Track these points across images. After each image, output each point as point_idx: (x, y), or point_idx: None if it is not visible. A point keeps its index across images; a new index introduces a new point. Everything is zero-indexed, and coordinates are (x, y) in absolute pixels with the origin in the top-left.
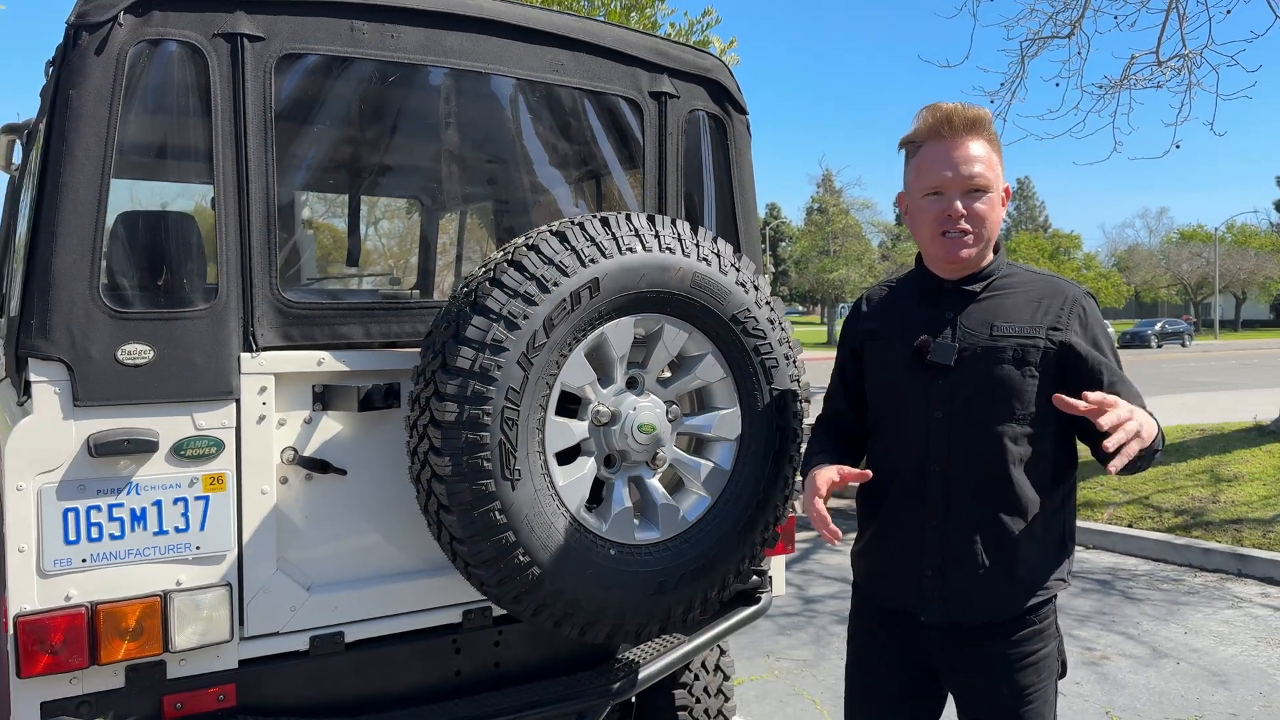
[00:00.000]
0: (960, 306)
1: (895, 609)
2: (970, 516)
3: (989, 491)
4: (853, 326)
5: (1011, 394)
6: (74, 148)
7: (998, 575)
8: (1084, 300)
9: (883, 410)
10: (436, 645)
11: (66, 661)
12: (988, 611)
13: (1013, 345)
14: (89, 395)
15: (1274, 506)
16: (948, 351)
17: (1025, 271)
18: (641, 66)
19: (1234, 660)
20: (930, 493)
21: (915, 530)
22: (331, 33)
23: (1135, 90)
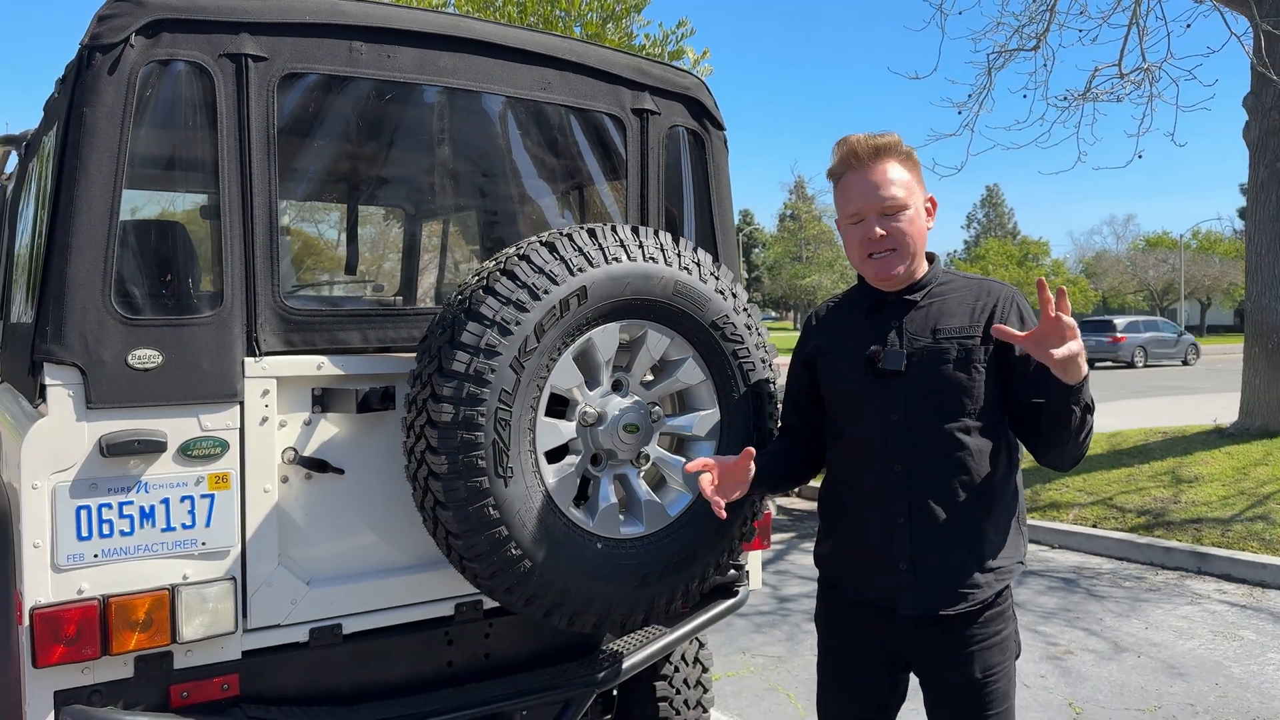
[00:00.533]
0: (903, 315)
1: (867, 602)
2: (936, 511)
3: (950, 485)
4: (805, 342)
5: (960, 391)
6: (87, 162)
7: (968, 564)
8: (1018, 298)
9: (841, 419)
10: (430, 637)
11: (79, 652)
12: (961, 599)
13: (955, 345)
14: (101, 398)
15: (1232, 506)
16: (898, 358)
17: (960, 277)
18: (625, 85)
19: (1192, 653)
20: (895, 492)
21: (884, 529)
22: (331, 53)
23: (1098, 103)
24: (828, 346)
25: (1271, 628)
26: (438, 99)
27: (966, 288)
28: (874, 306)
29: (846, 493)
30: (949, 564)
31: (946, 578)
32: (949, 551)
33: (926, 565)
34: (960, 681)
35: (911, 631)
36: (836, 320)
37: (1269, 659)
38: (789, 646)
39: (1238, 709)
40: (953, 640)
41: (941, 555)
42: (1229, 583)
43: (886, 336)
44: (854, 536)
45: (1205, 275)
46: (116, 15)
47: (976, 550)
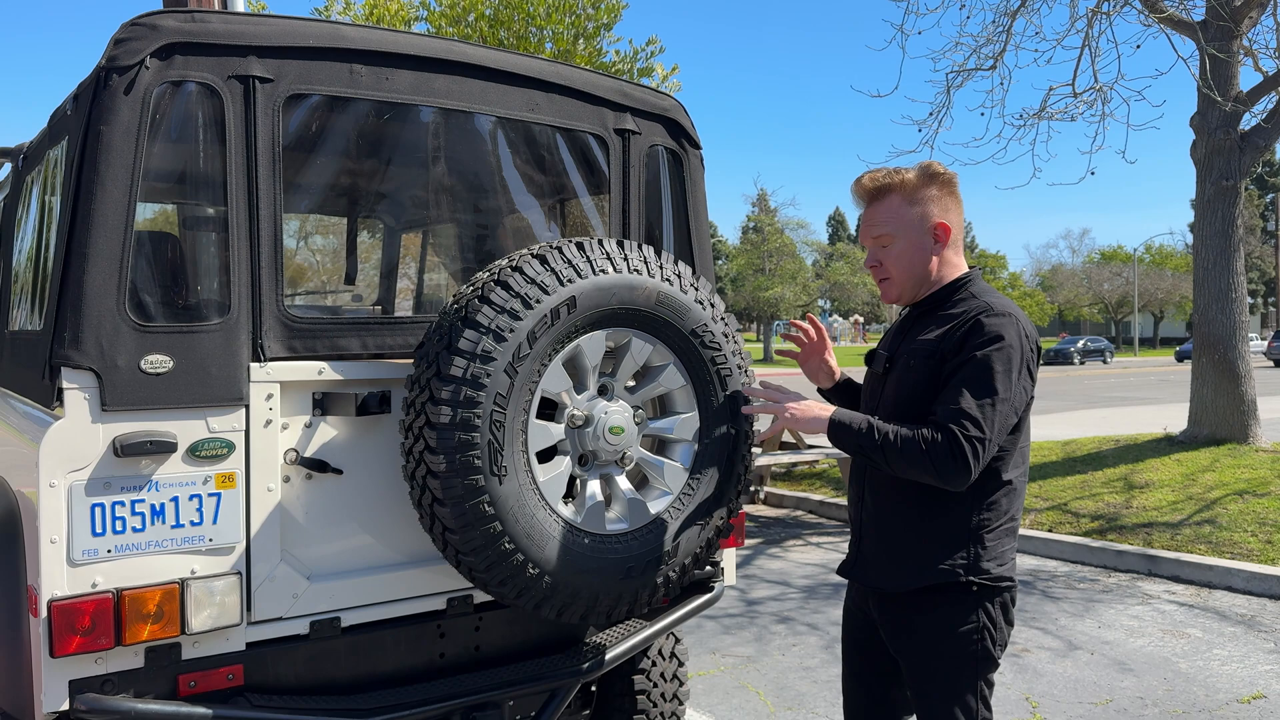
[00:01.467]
0: (907, 327)
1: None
2: (879, 500)
3: (892, 481)
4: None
5: (918, 397)
6: (104, 177)
7: (894, 553)
8: (980, 318)
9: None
10: (423, 630)
11: (95, 642)
12: (883, 581)
13: (919, 356)
14: (115, 401)
15: (1181, 511)
16: (879, 360)
17: (967, 300)
18: (608, 106)
19: (1142, 651)
20: (859, 479)
21: (854, 506)
22: (333, 75)
23: (1053, 121)
24: (878, 347)
25: (1217, 625)
26: (433, 119)
27: (954, 305)
28: (905, 315)
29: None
30: (885, 546)
31: (877, 560)
32: (887, 535)
33: (869, 541)
34: (909, 657)
35: (876, 603)
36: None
37: (1214, 655)
38: (758, 647)
39: (1184, 701)
40: (904, 618)
41: (877, 539)
42: (1178, 584)
43: (891, 341)
44: (849, 516)
45: (1158, 288)
46: (132, 39)
47: (907, 544)
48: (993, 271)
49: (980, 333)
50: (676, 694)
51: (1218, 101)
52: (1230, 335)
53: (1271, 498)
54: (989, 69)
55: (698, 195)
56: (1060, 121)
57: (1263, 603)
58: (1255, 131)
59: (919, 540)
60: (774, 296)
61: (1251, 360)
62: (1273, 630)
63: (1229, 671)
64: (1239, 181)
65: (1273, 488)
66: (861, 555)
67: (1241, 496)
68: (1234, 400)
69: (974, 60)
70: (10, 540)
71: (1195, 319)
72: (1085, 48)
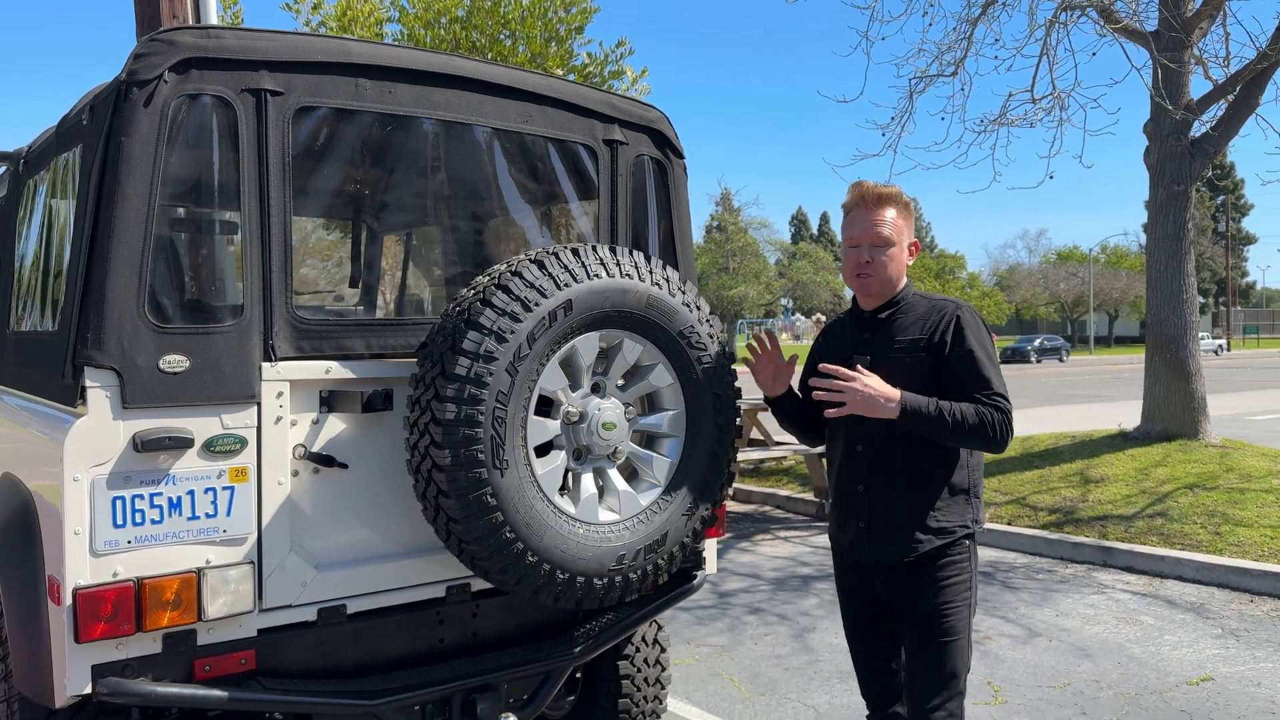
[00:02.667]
0: (876, 329)
1: (847, 553)
2: (883, 482)
3: (896, 462)
4: (816, 346)
5: (913, 387)
6: (125, 186)
7: (910, 524)
8: (961, 313)
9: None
10: (423, 617)
11: (117, 628)
12: (901, 553)
13: (906, 353)
14: (135, 398)
15: (1135, 505)
16: (861, 362)
17: (920, 298)
18: (597, 118)
19: (1098, 637)
20: (857, 467)
21: (851, 494)
22: (340, 88)
23: (1013, 127)
24: (824, 351)
25: (1168, 613)
26: (433, 130)
27: (921, 306)
28: (857, 320)
29: (833, 469)
30: (895, 524)
31: (894, 534)
32: (894, 514)
33: (876, 524)
34: (914, 614)
35: (883, 576)
36: (835, 330)
37: (1165, 640)
38: (731, 637)
39: (1136, 684)
40: (912, 581)
41: (886, 517)
42: (1131, 574)
43: (860, 345)
44: (837, 500)
45: (1113, 288)
46: (151, 54)
47: (918, 513)
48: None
49: (964, 326)
50: (659, 679)
51: (1169, 110)
52: (1181, 335)
53: (1220, 491)
54: (950, 75)
55: (681, 203)
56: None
57: (1211, 591)
58: (1205, 138)
59: (930, 509)
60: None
61: (1202, 359)
62: (1220, 617)
63: (1179, 656)
64: (1189, 186)
65: (1221, 481)
66: (871, 536)
67: (1191, 490)
68: (1185, 398)
69: (936, 66)
70: (27, 533)
71: (1148, 319)
72: (1043, 56)
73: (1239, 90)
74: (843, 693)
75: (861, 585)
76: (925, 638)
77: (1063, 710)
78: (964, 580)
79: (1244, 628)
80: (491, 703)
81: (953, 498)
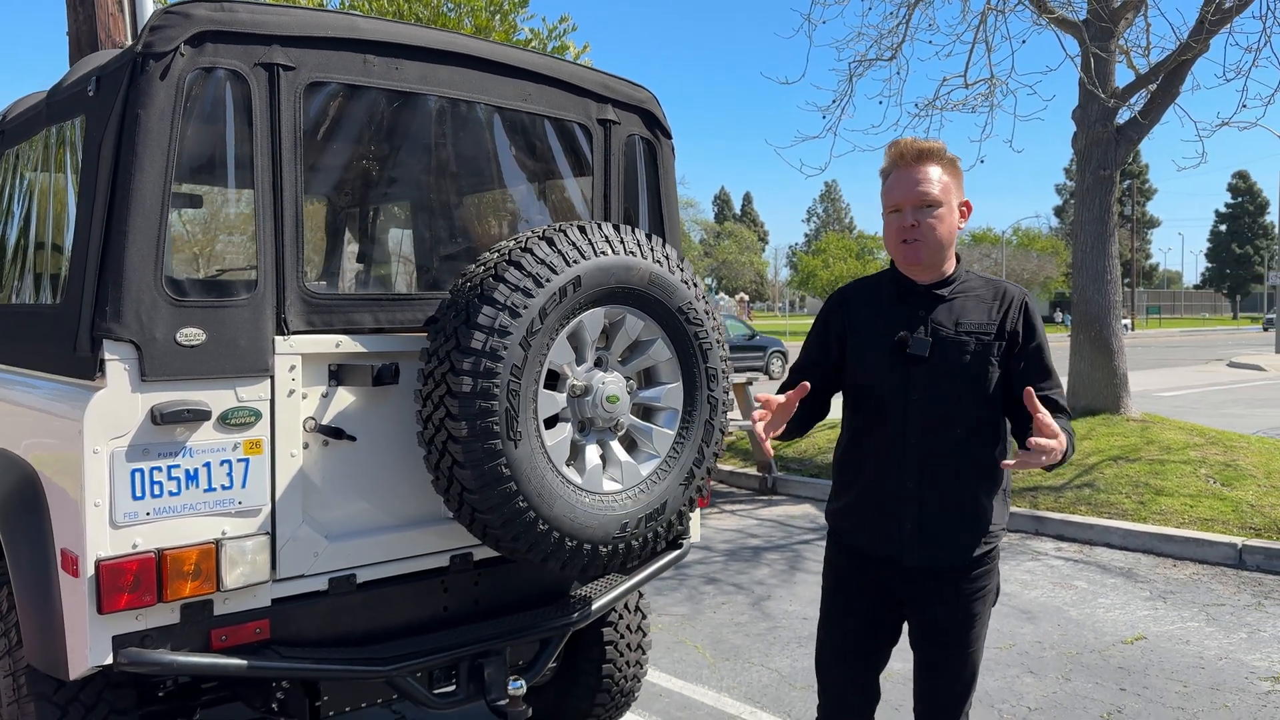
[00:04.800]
0: (931, 307)
1: (872, 553)
2: (942, 479)
3: (956, 458)
4: (836, 317)
5: (974, 380)
6: (142, 159)
7: (965, 526)
8: (1027, 299)
9: (864, 394)
10: (428, 585)
11: (139, 599)
12: (958, 556)
13: (974, 339)
14: (153, 371)
15: (1063, 476)
16: (924, 345)
17: (978, 277)
18: (591, 98)
19: (1037, 601)
20: (908, 461)
21: (895, 492)
22: (348, 64)
23: (951, 112)
24: (860, 326)
25: (1099, 577)
26: (437, 107)
27: (986, 287)
28: (902, 295)
29: (865, 457)
30: (948, 526)
31: (946, 538)
32: (949, 515)
33: (930, 526)
34: (948, 624)
35: (911, 579)
36: (867, 302)
37: (1099, 603)
38: (691, 606)
39: (1076, 644)
40: (947, 588)
41: (943, 518)
42: (1063, 542)
43: (914, 324)
44: (867, 496)
45: (1024, 269)
46: (167, 26)
47: (972, 516)
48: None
49: (1033, 313)
50: (640, 644)
51: (1101, 98)
52: (1105, 314)
53: (1142, 463)
54: (889, 59)
55: (669, 182)
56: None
57: (1138, 557)
58: (1130, 125)
59: (984, 510)
60: None
61: (1124, 337)
62: (1148, 580)
63: (1113, 617)
64: (1114, 171)
65: (1143, 454)
66: (923, 538)
67: (1115, 462)
68: (1108, 374)
69: (875, 50)
70: (33, 507)
71: (1074, 298)
72: (979, 43)
73: (1161, 80)
74: (802, 656)
75: (877, 587)
76: (951, 648)
77: (1011, 669)
78: (993, 587)
79: (1170, 590)
80: (497, 667)
81: (999, 499)
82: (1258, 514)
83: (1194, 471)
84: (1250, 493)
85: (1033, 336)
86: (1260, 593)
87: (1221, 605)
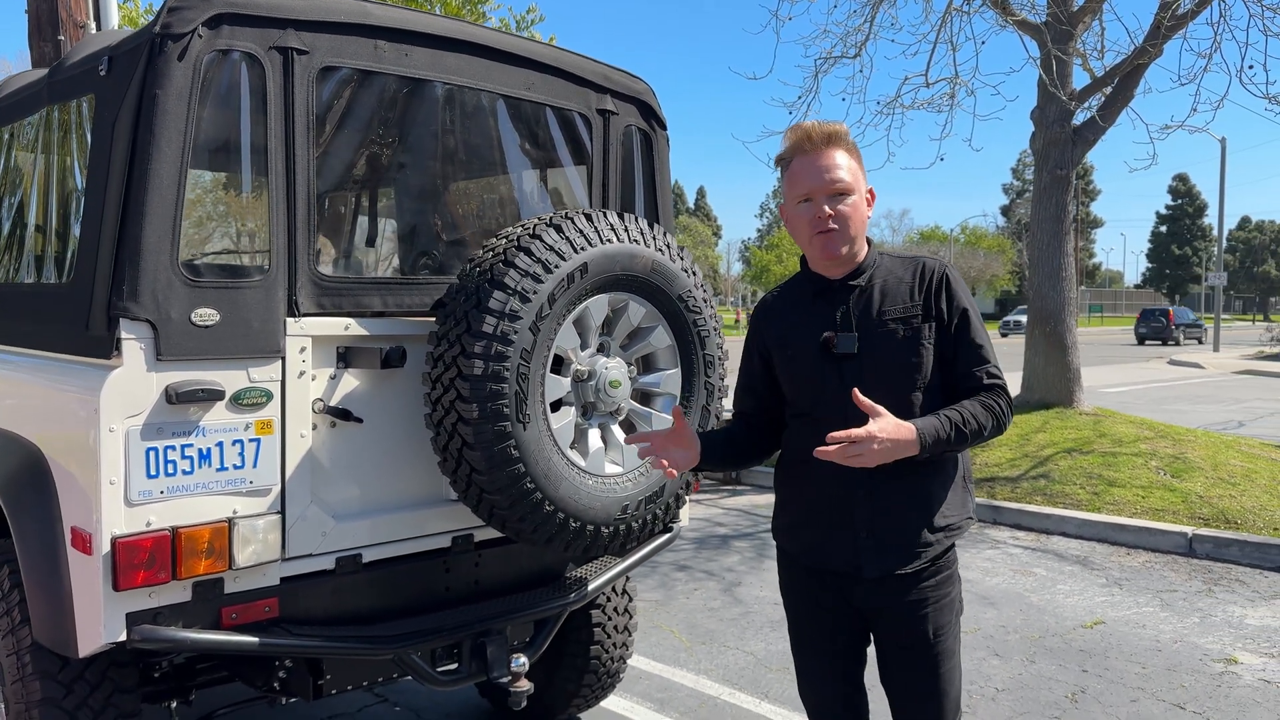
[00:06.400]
0: (849, 299)
1: (829, 569)
2: (894, 480)
3: (896, 467)
4: (758, 333)
5: (909, 369)
6: (159, 139)
7: (921, 526)
8: (948, 271)
9: (801, 402)
10: (431, 565)
11: (155, 576)
12: (905, 560)
13: (901, 325)
14: (169, 350)
15: (1019, 467)
16: (850, 341)
17: (892, 258)
18: (591, 88)
19: (998, 587)
20: (851, 477)
21: (845, 500)
22: (360, 49)
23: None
24: (782, 336)
25: (1057, 565)
26: (444, 93)
27: (903, 267)
28: (820, 292)
29: (807, 468)
30: (905, 527)
31: (904, 539)
32: (904, 516)
33: (885, 530)
34: (913, 641)
35: (871, 592)
36: (786, 309)
37: (1058, 589)
38: (664, 593)
39: (1038, 628)
40: (908, 600)
41: (898, 520)
42: (1020, 530)
43: (836, 321)
44: (815, 508)
45: (972, 266)
46: (186, 8)
47: (928, 512)
48: None
49: (955, 285)
50: (627, 626)
51: (1062, 99)
52: (1060, 310)
53: (1095, 455)
54: (853, 57)
55: (664, 172)
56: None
57: (1092, 545)
58: (1086, 126)
59: (935, 511)
60: None
61: (1078, 333)
62: (1103, 568)
63: (1072, 603)
64: (1070, 171)
65: (1095, 446)
66: (875, 544)
67: (1069, 454)
68: (1062, 368)
69: (840, 48)
70: (39, 485)
71: (1030, 295)
72: (940, 42)
73: (1116, 83)
74: (775, 640)
75: (841, 604)
76: (921, 664)
77: (978, 652)
78: (956, 595)
79: (1125, 577)
80: (499, 645)
81: (954, 487)
82: (1206, 505)
83: (1145, 464)
84: (1199, 484)
85: (957, 312)
86: (1210, 579)
87: (1174, 591)
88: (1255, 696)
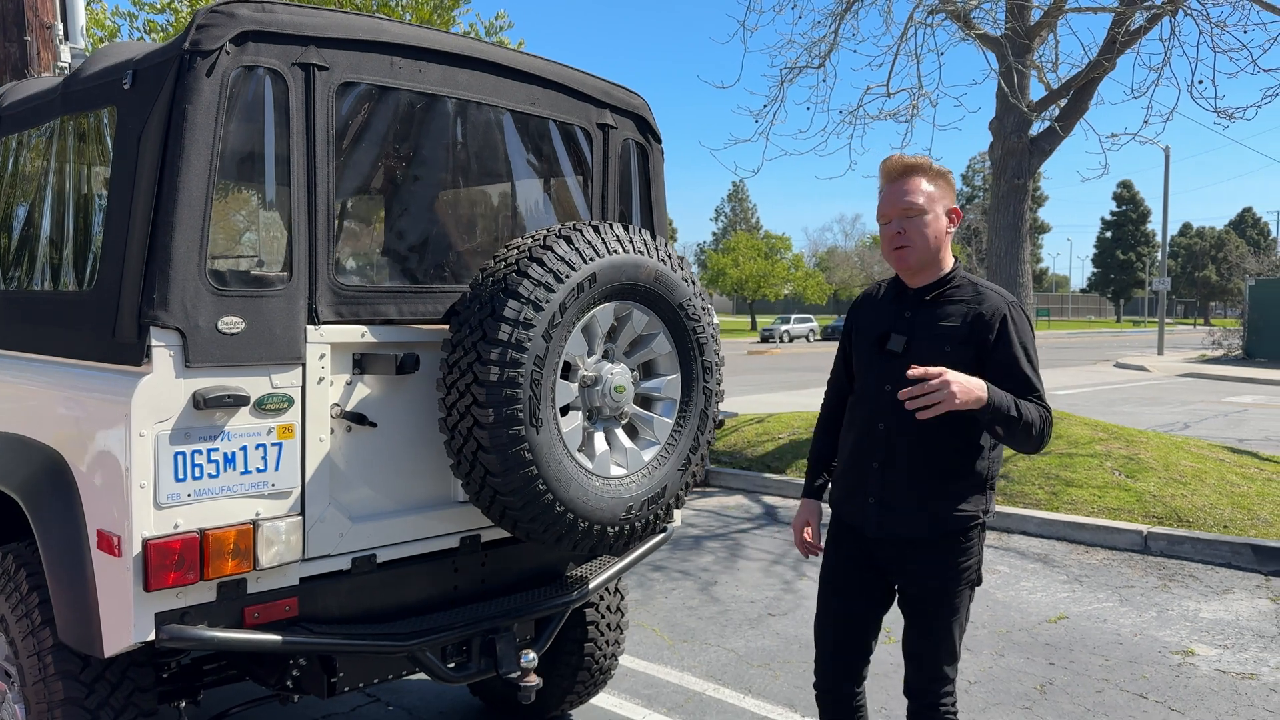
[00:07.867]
0: (917, 308)
1: (851, 524)
2: (903, 462)
3: (918, 445)
4: (849, 319)
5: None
6: (189, 153)
7: (922, 505)
8: (1010, 312)
9: (856, 385)
10: (441, 565)
11: (184, 577)
12: (910, 531)
13: (947, 339)
14: (197, 358)
15: None
16: (899, 342)
17: (970, 283)
18: (592, 103)
19: None
20: (876, 445)
21: (865, 470)
22: (377, 66)
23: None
24: (859, 324)
25: (1019, 563)
26: (455, 108)
27: (974, 293)
28: (898, 296)
29: (849, 441)
30: (906, 502)
31: (903, 514)
32: (908, 494)
33: (888, 501)
34: (920, 592)
35: (887, 549)
36: (870, 304)
37: (1022, 586)
38: (643, 592)
39: (1006, 623)
40: (917, 559)
41: (901, 496)
42: None
43: (898, 323)
44: (847, 471)
45: None
46: (213, 25)
47: (927, 496)
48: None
49: (1010, 323)
50: (619, 624)
51: (1022, 110)
52: None
53: (1052, 456)
54: (817, 67)
55: (659, 185)
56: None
57: (1052, 544)
58: (1043, 136)
59: (952, 492)
60: None
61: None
62: (1064, 565)
63: (1036, 599)
64: (1028, 180)
65: (1052, 447)
66: (886, 510)
67: (1028, 456)
68: None
69: (805, 58)
70: (61, 489)
71: None
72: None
73: (1072, 95)
74: (755, 637)
75: (863, 555)
76: (926, 612)
77: None
78: (970, 566)
79: (1085, 574)
80: (507, 642)
81: (970, 486)
82: (1159, 503)
83: (1100, 464)
84: (1152, 484)
85: (1005, 346)
86: (1165, 575)
87: (1132, 587)
88: (1212, 686)
